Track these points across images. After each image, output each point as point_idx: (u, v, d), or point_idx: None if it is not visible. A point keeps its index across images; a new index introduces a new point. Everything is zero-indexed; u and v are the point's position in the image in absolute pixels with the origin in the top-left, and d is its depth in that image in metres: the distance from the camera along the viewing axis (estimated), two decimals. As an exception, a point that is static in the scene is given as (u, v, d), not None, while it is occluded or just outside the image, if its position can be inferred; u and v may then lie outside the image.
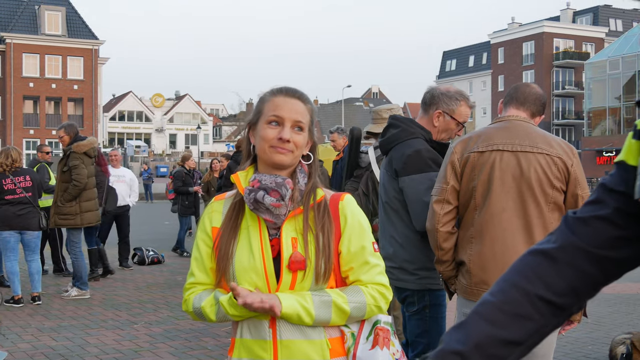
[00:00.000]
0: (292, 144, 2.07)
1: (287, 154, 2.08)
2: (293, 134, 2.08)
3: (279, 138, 2.06)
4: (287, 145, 2.07)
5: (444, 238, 3.27)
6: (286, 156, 2.08)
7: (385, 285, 2.11)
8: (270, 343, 2.04)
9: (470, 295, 3.24)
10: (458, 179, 3.27)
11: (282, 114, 2.09)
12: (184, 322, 7.40)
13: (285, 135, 2.06)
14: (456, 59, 76.59)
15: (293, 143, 2.08)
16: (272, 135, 2.08)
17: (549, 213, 3.15)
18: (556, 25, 65.66)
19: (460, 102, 3.81)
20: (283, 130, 2.07)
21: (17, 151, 8.50)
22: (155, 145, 77.47)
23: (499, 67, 68.91)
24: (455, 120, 3.81)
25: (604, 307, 8.41)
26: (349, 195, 2.18)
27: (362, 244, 2.10)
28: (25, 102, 54.70)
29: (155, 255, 12.10)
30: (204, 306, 2.11)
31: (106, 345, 6.52)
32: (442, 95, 3.82)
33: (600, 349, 6.36)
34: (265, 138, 2.08)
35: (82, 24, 55.87)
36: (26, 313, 7.95)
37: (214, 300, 2.10)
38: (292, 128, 2.09)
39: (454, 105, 3.80)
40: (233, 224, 2.12)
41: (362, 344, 2.09)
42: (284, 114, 2.09)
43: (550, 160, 3.17)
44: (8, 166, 8.27)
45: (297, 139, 2.09)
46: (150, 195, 35.25)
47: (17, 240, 8.40)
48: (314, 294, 2.03)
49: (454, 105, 3.80)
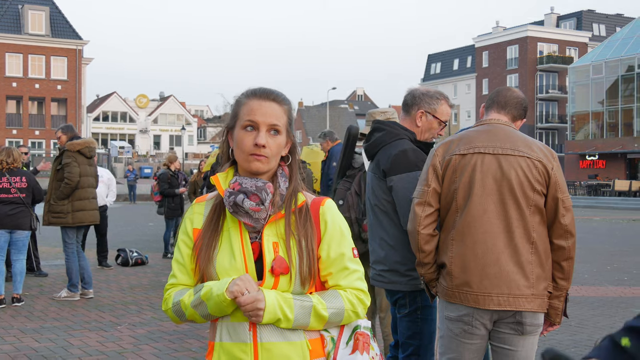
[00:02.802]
0: (268, 149, 2.06)
1: (264, 161, 2.06)
2: (269, 138, 2.06)
3: (254, 144, 2.05)
4: (262, 150, 2.05)
5: (425, 240, 3.30)
6: (263, 164, 2.07)
7: (363, 291, 2.12)
8: (250, 346, 2.03)
9: (451, 298, 3.27)
10: (439, 181, 3.30)
11: (256, 118, 2.07)
12: (168, 324, 7.38)
13: (260, 140, 2.04)
14: (441, 62, 76.91)
15: (269, 148, 2.06)
16: (248, 142, 2.06)
17: (530, 216, 3.18)
18: (540, 29, 66.12)
19: (441, 101, 3.88)
20: (258, 136, 2.05)
21: (18, 152, 8.54)
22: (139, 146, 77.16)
23: (484, 70, 69.27)
24: (437, 119, 3.87)
25: (587, 310, 8.49)
26: (329, 200, 2.19)
27: (341, 250, 2.11)
28: (8, 102, 54.27)
29: (139, 257, 12.06)
30: (183, 299, 2.10)
31: (89, 346, 6.49)
32: (423, 95, 3.88)
33: (582, 352, 6.41)
34: (241, 145, 2.08)
35: (65, 24, 55.51)
36: (8, 314, 7.90)
37: (192, 292, 2.09)
38: (268, 132, 2.07)
39: (435, 105, 3.86)
40: (214, 225, 2.12)
41: (342, 348, 2.10)
42: (259, 119, 2.06)
43: (531, 163, 3.20)
44: (8, 165, 8.27)
45: (272, 143, 2.07)
46: (134, 196, 35.06)
47: (7, 240, 8.39)
48: (295, 298, 2.03)
49: (435, 105, 3.86)
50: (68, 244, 8.86)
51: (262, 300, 1.97)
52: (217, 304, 2.01)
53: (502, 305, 3.15)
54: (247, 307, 1.97)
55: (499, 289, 3.14)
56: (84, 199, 8.83)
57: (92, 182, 9.01)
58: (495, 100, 3.45)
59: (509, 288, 3.14)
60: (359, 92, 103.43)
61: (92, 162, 9.07)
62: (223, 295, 1.98)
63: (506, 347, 3.26)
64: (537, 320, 3.23)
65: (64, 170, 8.68)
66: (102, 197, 11.04)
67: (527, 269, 3.16)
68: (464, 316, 3.24)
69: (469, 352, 3.30)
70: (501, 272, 3.14)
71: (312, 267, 2.07)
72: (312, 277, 2.07)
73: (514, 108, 3.42)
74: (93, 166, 9.12)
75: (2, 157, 8.30)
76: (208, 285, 2.04)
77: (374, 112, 5.18)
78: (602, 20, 69.97)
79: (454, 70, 74.71)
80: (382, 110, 5.14)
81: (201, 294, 2.05)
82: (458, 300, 3.23)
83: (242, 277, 2.00)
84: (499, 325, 3.23)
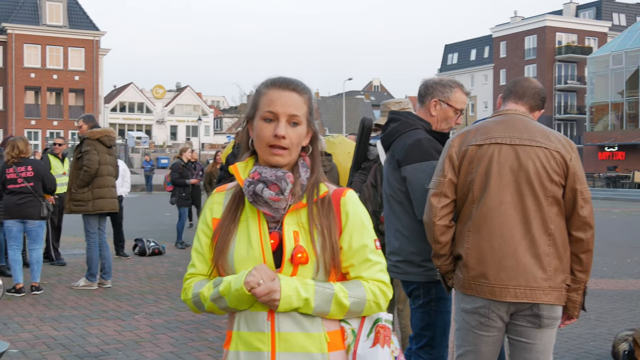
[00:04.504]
0: (287, 139, 2.05)
1: (284, 154, 2.05)
2: (289, 129, 2.05)
3: (274, 135, 2.04)
4: (282, 141, 2.04)
5: (441, 232, 3.27)
6: (283, 157, 2.06)
7: (386, 283, 2.10)
8: (268, 335, 2.03)
9: (467, 290, 3.25)
10: (456, 172, 3.27)
11: (276, 109, 2.05)
12: (185, 314, 7.42)
13: (280, 131, 2.03)
14: (458, 53, 76.43)
15: (289, 139, 2.05)
16: (267, 133, 2.05)
17: (548, 207, 3.15)
18: (559, 19, 65.48)
19: (455, 89, 3.85)
20: (278, 127, 2.04)
21: (24, 142, 8.57)
22: (156, 136, 77.40)
23: (501, 61, 68.75)
24: (452, 107, 3.83)
25: (606, 303, 8.42)
26: (351, 191, 2.16)
27: (363, 241, 2.09)
28: (27, 93, 54.68)
29: (156, 246, 12.14)
30: (202, 291, 2.10)
31: (107, 335, 6.55)
32: (436, 84, 3.86)
33: (602, 345, 6.35)
34: (261, 136, 2.06)
35: (83, 14, 55.78)
36: (27, 303, 7.98)
37: (212, 285, 2.08)
38: (288, 123, 2.05)
39: (448, 93, 3.83)
40: (232, 215, 2.11)
41: (362, 341, 2.08)
42: (279, 109, 2.04)
43: (548, 153, 3.16)
44: (15, 157, 8.34)
45: (292, 134, 2.05)
46: (151, 186, 35.24)
47: (20, 230, 8.46)
48: (317, 284, 2.02)
49: (448, 93, 3.83)
50: (90, 233, 8.94)
51: (277, 290, 1.96)
52: (236, 298, 2.01)
53: (518, 297, 3.12)
54: (262, 298, 1.97)
55: (515, 281, 3.12)
56: (104, 187, 8.90)
57: (112, 170, 9.07)
58: (512, 91, 3.40)
59: (526, 280, 3.11)
60: (375, 83, 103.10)
61: (111, 151, 9.13)
62: (242, 289, 1.97)
63: (523, 340, 3.23)
64: (554, 313, 3.19)
65: (84, 158, 8.76)
66: (117, 188, 11.11)
67: (544, 261, 3.12)
68: (480, 308, 3.21)
69: (486, 345, 3.28)
70: (518, 264, 3.12)
71: (335, 257, 2.05)
72: (335, 267, 2.06)
73: (531, 98, 3.38)
74: (113, 155, 9.19)
75: (8, 150, 8.39)
76: (227, 280, 2.04)
77: (389, 102, 5.14)
78: (622, 9, 69.16)
79: (471, 60, 74.21)
80: (397, 100, 5.11)
81: (220, 289, 2.04)
82: (474, 292, 3.21)
83: (257, 267, 1.99)
84: (516, 318, 3.21)
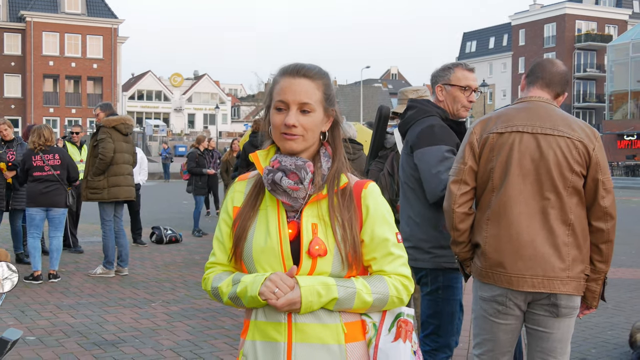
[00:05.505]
0: (299, 128, 2.02)
1: (297, 140, 2.02)
2: (300, 117, 2.02)
3: (285, 124, 2.02)
4: (293, 130, 2.01)
5: (460, 219, 3.24)
6: (296, 143, 2.03)
7: (408, 278, 2.08)
8: (285, 325, 2.02)
9: (484, 278, 3.22)
10: (476, 159, 3.23)
11: (286, 97, 2.02)
12: (202, 302, 7.44)
13: (289, 120, 2.00)
14: (476, 41, 75.87)
15: (301, 127, 2.02)
16: (279, 123, 2.03)
17: (567, 197, 3.10)
18: (578, 6, 64.78)
19: (453, 69, 3.89)
20: (288, 115, 2.01)
21: (49, 130, 8.63)
22: (173, 124, 77.64)
23: (520, 49, 68.20)
24: (456, 86, 3.85)
25: (624, 292, 8.36)
26: (372, 183, 2.13)
27: (385, 235, 2.06)
28: (45, 81, 55.03)
29: (173, 235, 12.18)
30: (221, 286, 2.09)
31: (124, 323, 6.58)
32: (437, 71, 3.95)
33: (620, 334, 6.32)
34: (274, 126, 2.05)
35: (101, 2, 55.98)
36: (45, 290, 8.04)
37: (231, 282, 2.08)
38: (299, 111, 2.02)
39: (448, 74, 3.88)
40: (252, 203, 2.10)
41: (384, 335, 2.06)
42: (289, 98, 2.02)
43: (571, 143, 3.11)
44: (41, 145, 8.38)
45: (305, 121, 2.02)
46: (168, 174, 35.36)
47: (43, 218, 8.51)
48: (338, 285, 2.00)
49: (448, 74, 3.88)
50: (106, 221, 8.97)
51: (298, 301, 1.96)
52: (252, 301, 2.02)
53: (536, 287, 3.09)
54: (282, 309, 1.97)
55: (533, 271, 3.08)
56: (119, 175, 8.90)
57: (128, 158, 9.07)
58: (540, 77, 3.32)
59: (544, 270, 3.08)
60: (392, 71, 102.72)
61: (128, 139, 9.13)
62: (257, 297, 1.98)
63: (540, 329, 3.20)
64: (572, 303, 3.15)
65: (99, 146, 8.78)
66: (134, 176, 11.16)
67: (562, 251, 3.08)
68: (497, 296, 3.19)
69: (504, 333, 3.25)
70: (536, 253, 3.08)
71: (356, 250, 2.03)
72: (356, 261, 2.04)
73: (558, 85, 3.31)
74: (130, 143, 9.18)
75: (34, 138, 8.41)
76: (244, 281, 2.03)
77: (406, 90, 5.15)
78: (643, -3, 68.28)
79: (490, 48, 73.65)
80: (415, 88, 5.11)
81: (237, 291, 2.04)
82: (491, 281, 3.18)
83: (273, 276, 1.97)
84: (534, 307, 3.17)
